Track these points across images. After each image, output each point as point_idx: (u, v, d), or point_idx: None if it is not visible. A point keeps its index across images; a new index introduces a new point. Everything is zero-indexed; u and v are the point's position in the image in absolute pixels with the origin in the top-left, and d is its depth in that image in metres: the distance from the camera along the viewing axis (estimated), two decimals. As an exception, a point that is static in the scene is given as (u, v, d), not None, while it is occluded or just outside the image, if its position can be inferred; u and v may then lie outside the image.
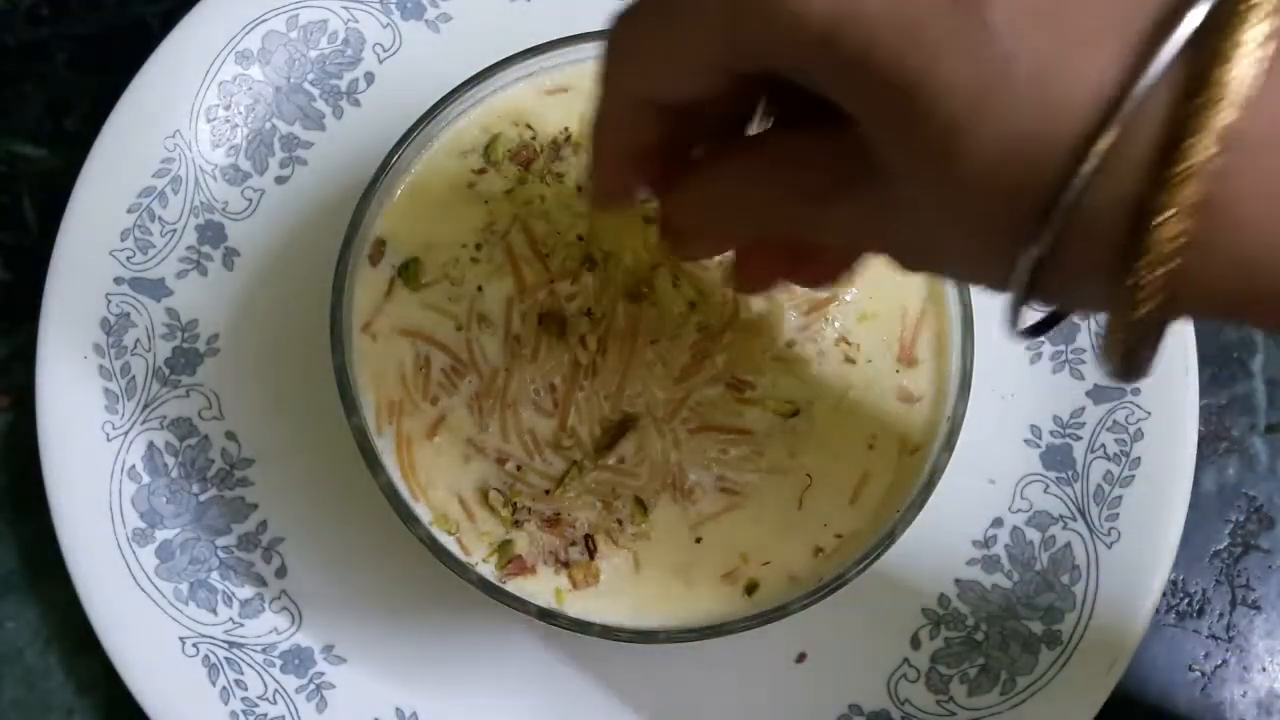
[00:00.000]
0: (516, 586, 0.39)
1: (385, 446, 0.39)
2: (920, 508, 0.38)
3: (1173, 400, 0.45)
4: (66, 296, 0.45)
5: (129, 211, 0.46)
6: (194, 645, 0.43)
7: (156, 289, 0.46)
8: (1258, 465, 0.47)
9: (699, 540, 0.39)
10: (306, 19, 0.48)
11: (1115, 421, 0.45)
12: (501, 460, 0.39)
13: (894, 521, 0.38)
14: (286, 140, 0.47)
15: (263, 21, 0.47)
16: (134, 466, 0.44)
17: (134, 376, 0.45)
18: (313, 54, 0.48)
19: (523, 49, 0.41)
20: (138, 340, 0.45)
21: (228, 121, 0.47)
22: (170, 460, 0.44)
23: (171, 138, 0.46)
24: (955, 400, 0.39)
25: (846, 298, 0.41)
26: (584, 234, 0.41)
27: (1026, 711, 0.43)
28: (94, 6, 0.51)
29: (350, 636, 0.44)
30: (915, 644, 0.44)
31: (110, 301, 0.45)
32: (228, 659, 0.43)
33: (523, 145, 0.41)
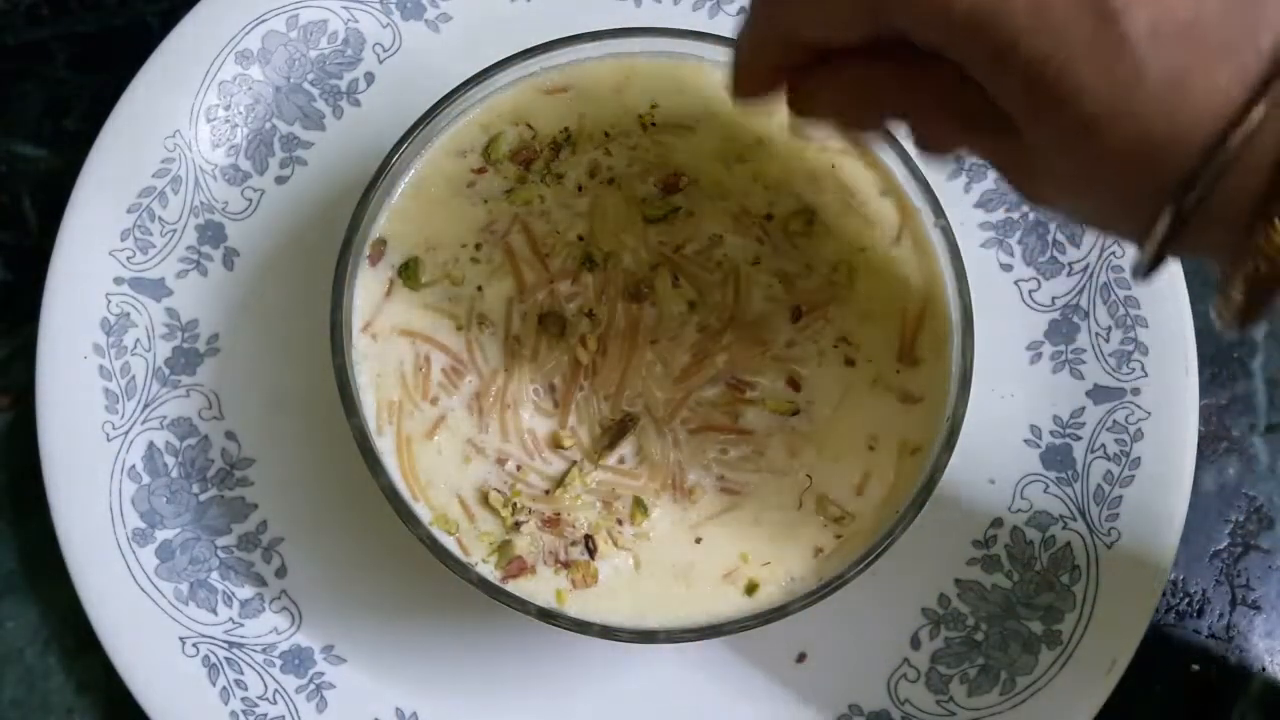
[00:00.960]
0: (516, 587, 0.39)
1: (385, 446, 0.39)
2: (920, 508, 0.38)
3: (1173, 400, 0.45)
4: (66, 296, 0.45)
5: (129, 211, 0.46)
6: (194, 645, 0.43)
7: (156, 289, 0.46)
8: (1258, 465, 0.47)
9: (699, 540, 0.39)
10: (306, 19, 0.48)
11: (1115, 421, 0.45)
12: (501, 460, 0.39)
13: (894, 521, 0.38)
14: (286, 140, 0.47)
15: (263, 21, 0.47)
16: (134, 466, 0.44)
17: (134, 376, 0.45)
18: (313, 54, 0.48)
19: (523, 49, 0.41)
20: (138, 340, 0.45)
21: (228, 121, 0.47)
22: (170, 460, 0.44)
23: (171, 138, 0.46)
24: (955, 400, 0.39)
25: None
26: (584, 234, 0.41)
27: (1026, 711, 0.43)
28: (94, 6, 0.51)
29: (350, 636, 0.44)
30: (915, 644, 0.44)
31: (110, 301, 0.45)
32: (228, 659, 0.43)
33: (523, 145, 0.41)
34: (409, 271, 0.40)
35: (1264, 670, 0.46)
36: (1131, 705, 0.44)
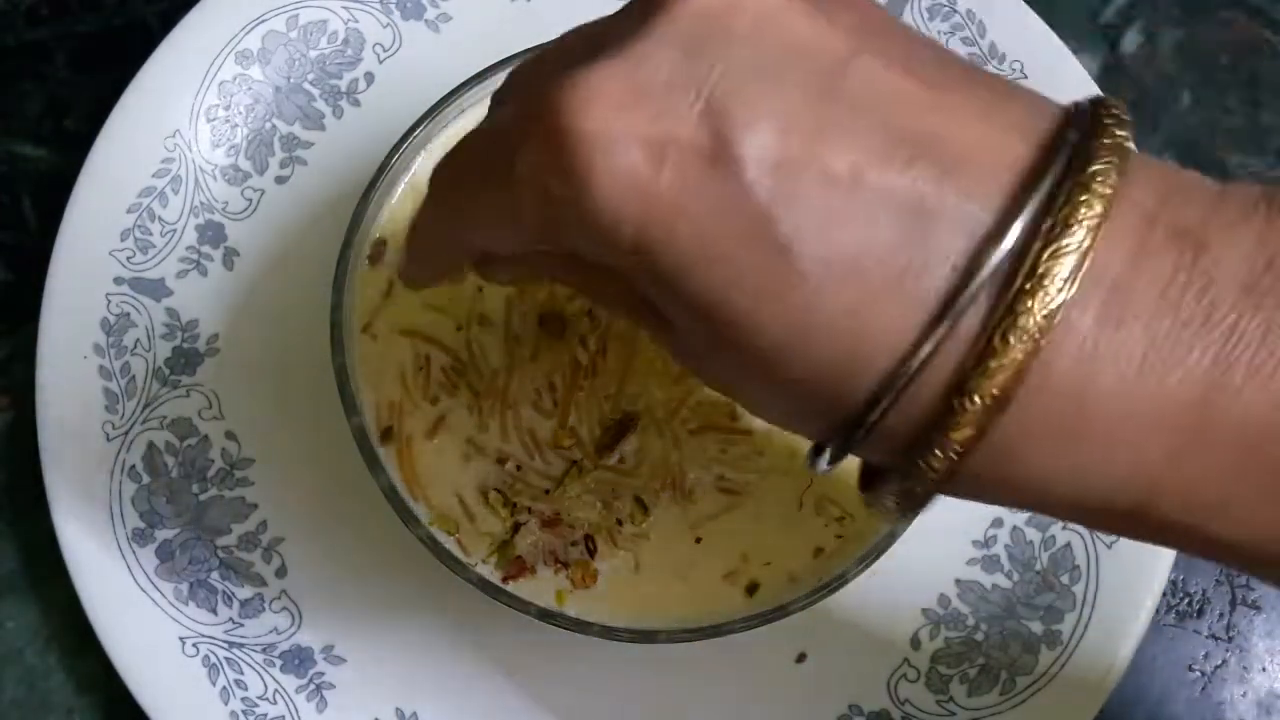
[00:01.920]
0: (516, 587, 0.39)
1: (385, 447, 0.39)
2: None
3: (1173, 400, 0.44)
4: (66, 296, 0.45)
5: (129, 211, 0.46)
6: (194, 645, 0.43)
7: (156, 289, 0.46)
8: (1258, 465, 0.47)
9: (699, 540, 0.39)
10: (306, 19, 0.48)
11: (1115, 421, 0.45)
12: (501, 460, 0.39)
13: (894, 522, 0.38)
14: (286, 140, 0.47)
15: (263, 21, 0.47)
16: (134, 466, 0.44)
17: (134, 376, 0.45)
18: (313, 54, 0.48)
19: (523, 49, 0.41)
20: (138, 340, 0.45)
21: (228, 121, 0.47)
22: (170, 460, 0.44)
23: (171, 138, 0.46)
24: (955, 400, 0.39)
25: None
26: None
27: (1026, 711, 0.43)
28: (94, 6, 0.51)
29: (350, 636, 0.44)
30: (915, 644, 0.44)
31: (110, 301, 0.45)
32: (228, 659, 0.43)
33: (523, 145, 0.41)
34: (409, 271, 0.40)
35: (1264, 670, 0.46)
36: (1131, 705, 0.44)
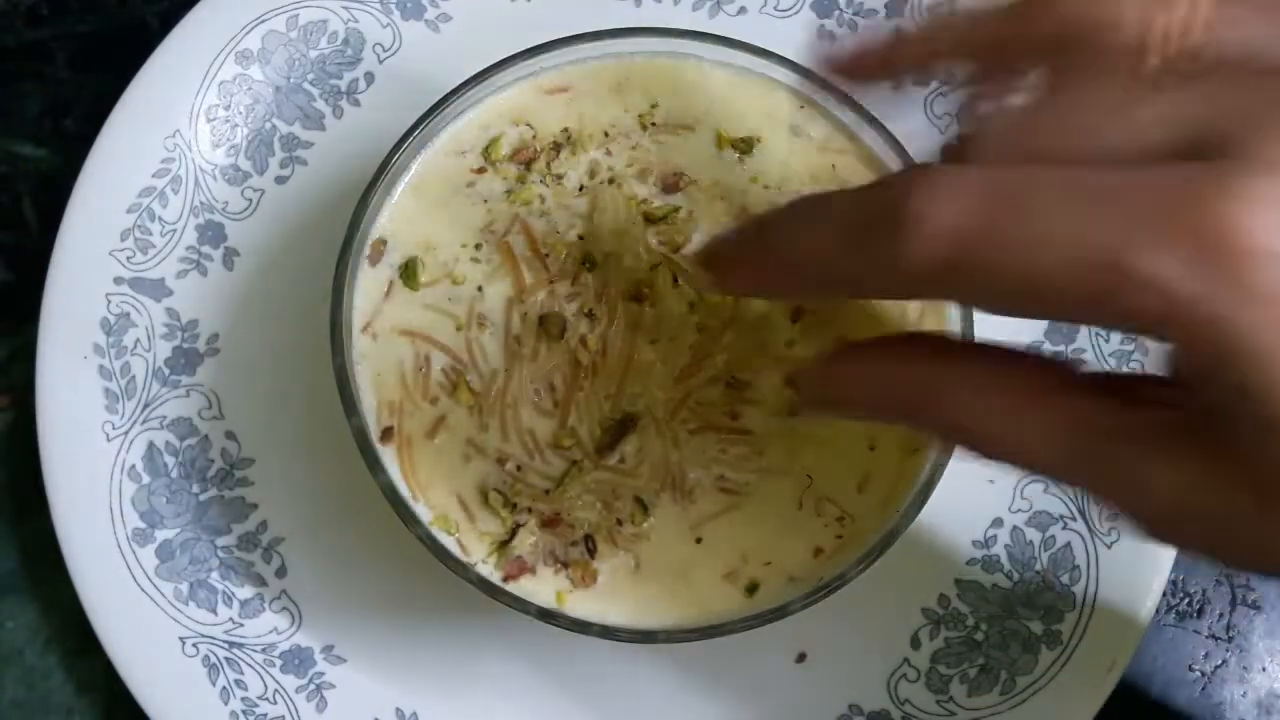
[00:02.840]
0: (516, 587, 0.39)
1: (385, 446, 0.39)
2: (920, 508, 0.38)
3: (1173, 400, 0.44)
4: (66, 296, 0.45)
5: (129, 211, 0.46)
6: (194, 645, 0.43)
7: (156, 289, 0.46)
8: (1258, 465, 0.47)
9: (699, 540, 0.39)
10: (306, 19, 0.48)
11: (1115, 421, 0.45)
12: (501, 460, 0.39)
13: (894, 521, 0.38)
14: (286, 140, 0.47)
15: (263, 21, 0.47)
16: (134, 466, 0.44)
17: (134, 376, 0.45)
18: (313, 54, 0.48)
19: (523, 49, 0.41)
20: (138, 340, 0.45)
21: (228, 121, 0.47)
22: (170, 460, 0.44)
23: (171, 138, 0.46)
24: (955, 400, 0.39)
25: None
26: (584, 234, 0.41)
27: (1026, 711, 0.43)
28: (94, 6, 0.51)
29: (350, 636, 0.44)
30: (915, 644, 0.44)
31: (110, 301, 0.45)
32: (228, 659, 0.43)
33: (522, 145, 0.41)
34: (409, 271, 0.40)
35: (1264, 670, 0.46)
36: (1131, 705, 0.44)
